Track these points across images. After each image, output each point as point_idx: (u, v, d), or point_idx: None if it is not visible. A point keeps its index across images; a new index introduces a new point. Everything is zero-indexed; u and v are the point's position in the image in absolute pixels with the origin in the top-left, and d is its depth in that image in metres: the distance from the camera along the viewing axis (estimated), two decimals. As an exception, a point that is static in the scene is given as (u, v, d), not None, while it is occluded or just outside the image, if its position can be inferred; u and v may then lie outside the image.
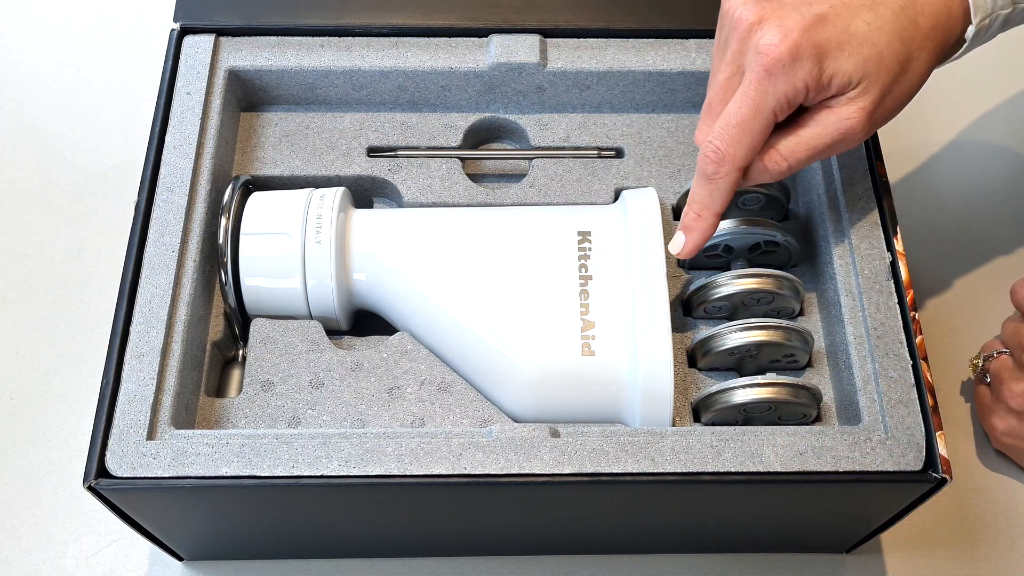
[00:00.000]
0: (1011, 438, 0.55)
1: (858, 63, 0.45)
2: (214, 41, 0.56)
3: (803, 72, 0.45)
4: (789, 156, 0.46)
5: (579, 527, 0.52)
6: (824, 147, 0.46)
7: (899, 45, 0.45)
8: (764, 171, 0.47)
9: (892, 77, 0.46)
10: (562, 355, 0.48)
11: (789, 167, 0.47)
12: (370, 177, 0.56)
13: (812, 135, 0.46)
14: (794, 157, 0.46)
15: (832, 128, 0.46)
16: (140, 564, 0.55)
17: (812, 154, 0.47)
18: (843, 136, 0.46)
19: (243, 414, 0.49)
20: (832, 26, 0.45)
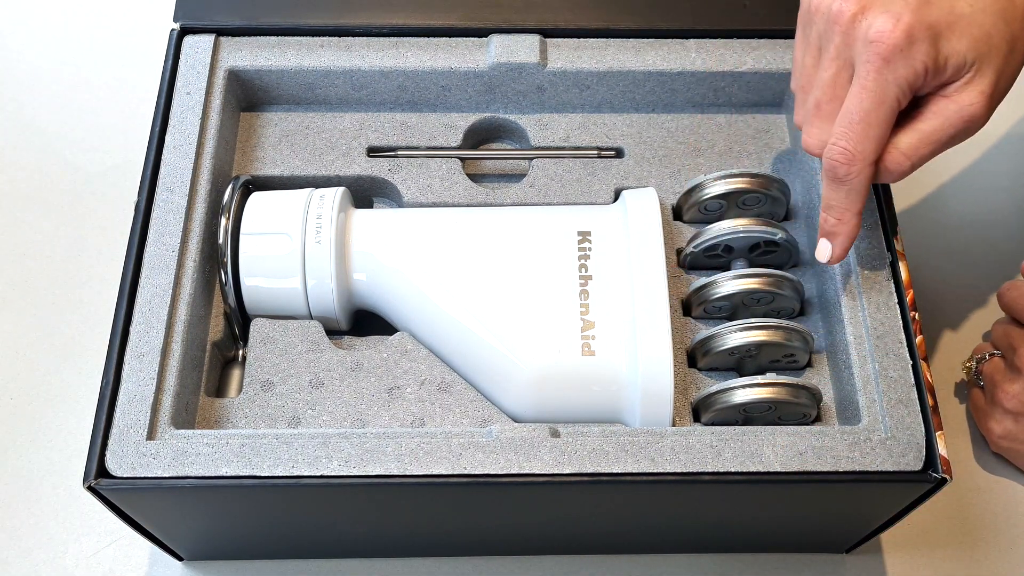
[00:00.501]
0: (1008, 441, 0.55)
1: (970, 43, 0.44)
2: (214, 41, 0.56)
3: (921, 54, 0.43)
4: (912, 154, 0.45)
5: (579, 527, 0.52)
6: (948, 139, 0.45)
7: (1003, 25, 0.44)
8: (887, 172, 0.45)
9: (1003, 58, 0.44)
10: (562, 355, 0.48)
11: (912, 165, 0.45)
12: (370, 177, 0.56)
13: (934, 128, 0.45)
14: (917, 154, 0.45)
15: (955, 117, 0.44)
16: (140, 564, 0.55)
17: (935, 148, 0.45)
18: (966, 124, 0.45)
19: (243, 414, 0.49)
20: (938, 8, 0.43)
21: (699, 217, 0.54)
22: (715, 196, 0.53)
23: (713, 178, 0.53)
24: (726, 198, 0.53)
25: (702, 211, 0.54)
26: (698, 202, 0.53)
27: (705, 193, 0.53)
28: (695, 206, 0.54)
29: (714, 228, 0.51)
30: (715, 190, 0.52)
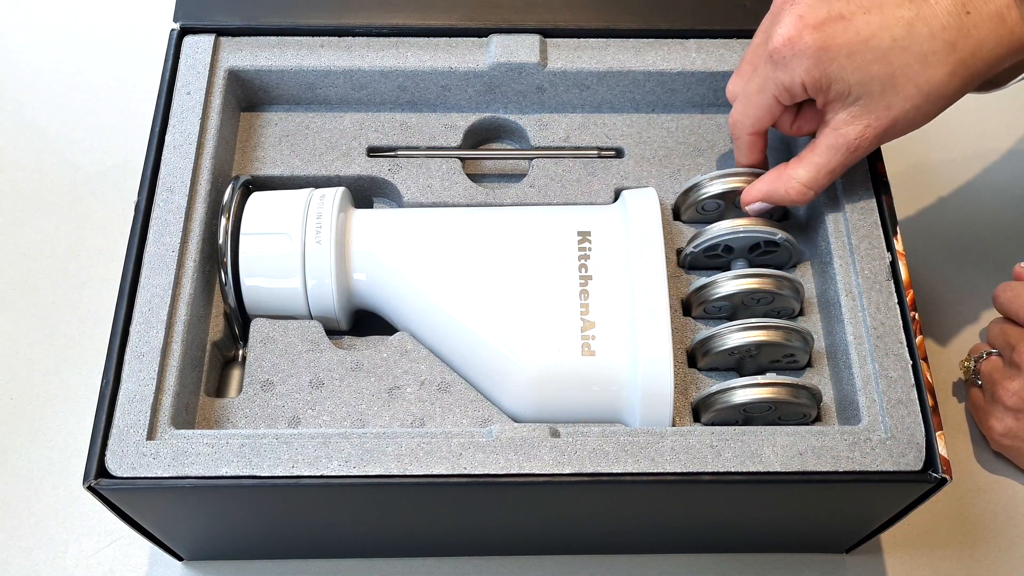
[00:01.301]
0: (1009, 439, 0.55)
1: (862, 78, 0.45)
2: (214, 41, 0.56)
3: (800, 69, 0.45)
4: (811, 184, 0.49)
5: (579, 527, 0.52)
6: (840, 167, 0.48)
7: (920, 68, 0.44)
8: (794, 202, 0.50)
9: (903, 100, 0.45)
10: (562, 355, 0.48)
11: (815, 192, 0.49)
12: (370, 177, 0.56)
13: (826, 160, 0.48)
14: (815, 184, 0.49)
15: (843, 150, 0.48)
16: (140, 564, 0.55)
17: (831, 176, 0.49)
18: (854, 155, 0.48)
19: (243, 414, 0.49)
20: (851, 31, 0.44)
21: (697, 217, 0.55)
22: (712, 196, 0.53)
23: (710, 178, 0.53)
24: (723, 198, 0.53)
25: (700, 211, 0.54)
26: (696, 202, 0.53)
27: (703, 193, 0.53)
28: (693, 206, 0.54)
29: (714, 228, 0.51)
30: (712, 190, 0.53)
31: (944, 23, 0.44)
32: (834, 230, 0.51)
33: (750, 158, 0.52)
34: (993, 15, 0.44)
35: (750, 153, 0.52)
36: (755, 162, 0.52)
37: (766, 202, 0.51)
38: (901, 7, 0.44)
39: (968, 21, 0.44)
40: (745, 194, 0.51)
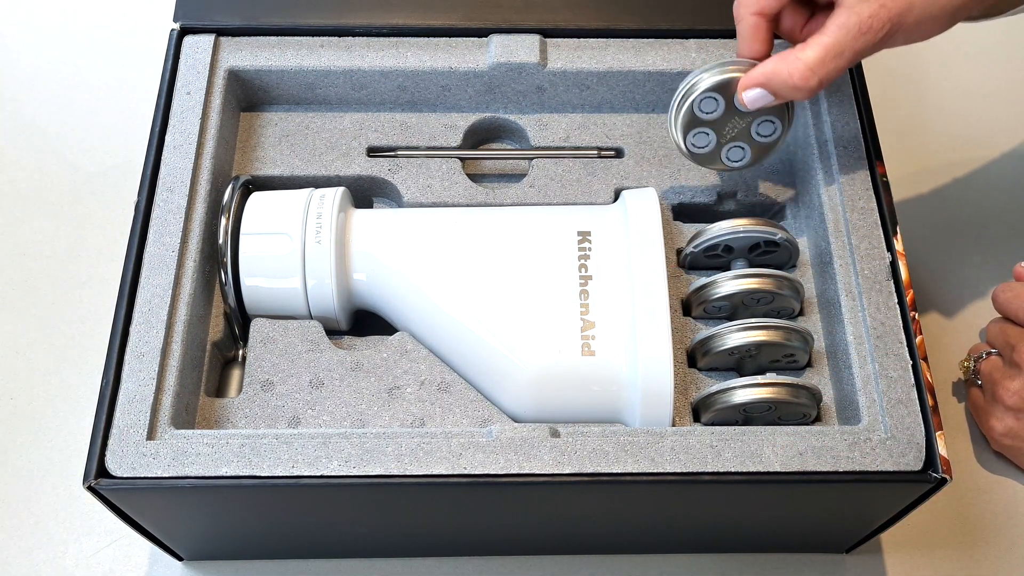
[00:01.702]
0: (1010, 439, 0.55)
1: None
2: (214, 41, 0.56)
3: None
4: (817, 67, 0.45)
5: (579, 527, 0.52)
6: (851, 52, 0.45)
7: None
8: (796, 88, 0.46)
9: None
10: (562, 355, 0.48)
11: (819, 79, 0.46)
12: (370, 177, 0.56)
13: (835, 41, 0.45)
14: (822, 68, 0.45)
15: (855, 29, 0.44)
16: (140, 564, 0.55)
17: (839, 62, 0.45)
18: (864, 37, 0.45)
19: (243, 414, 0.49)
20: None
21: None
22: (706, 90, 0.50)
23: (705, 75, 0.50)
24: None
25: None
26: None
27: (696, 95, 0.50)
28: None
29: (714, 228, 0.51)
30: (709, 82, 0.50)
31: None
32: (834, 230, 0.51)
33: (752, 47, 0.48)
34: None
35: (753, 40, 0.48)
36: (758, 52, 0.48)
37: (765, 89, 0.47)
38: None
39: None
40: (743, 79, 0.48)
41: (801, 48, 0.46)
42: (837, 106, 0.54)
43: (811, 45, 0.45)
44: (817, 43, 0.45)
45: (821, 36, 0.45)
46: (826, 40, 0.45)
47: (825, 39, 0.45)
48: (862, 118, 0.54)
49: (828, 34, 0.45)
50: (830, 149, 0.53)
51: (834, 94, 0.54)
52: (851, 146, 0.53)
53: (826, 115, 0.54)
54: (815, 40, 0.45)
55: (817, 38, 0.45)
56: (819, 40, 0.45)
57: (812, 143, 0.54)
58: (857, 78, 0.55)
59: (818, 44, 0.45)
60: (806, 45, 0.46)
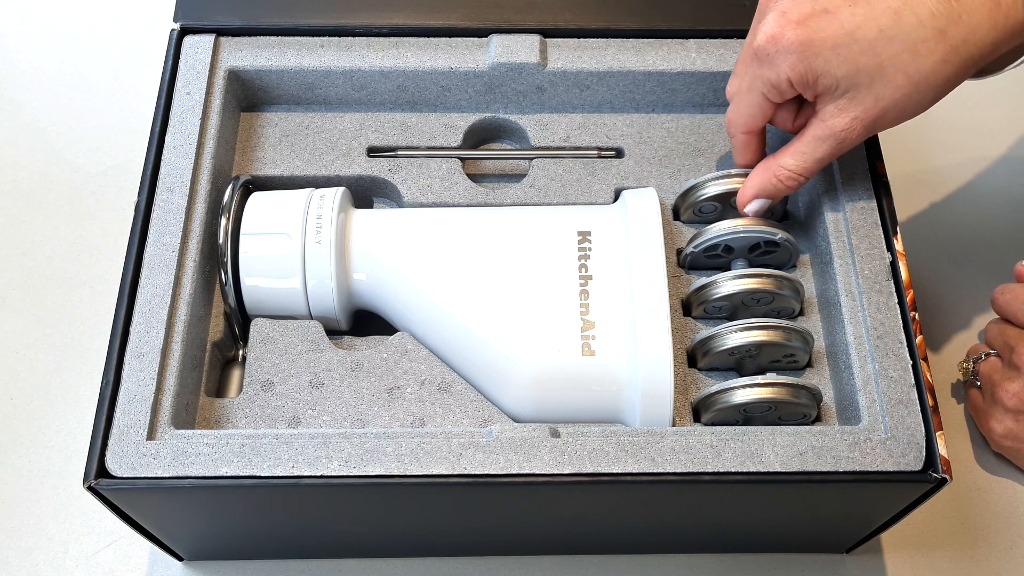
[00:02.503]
0: (1010, 440, 0.55)
1: (849, 71, 0.44)
2: (214, 41, 0.56)
3: (785, 65, 0.45)
4: (798, 172, 0.49)
5: (579, 527, 0.52)
6: (827, 156, 0.48)
7: (909, 57, 0.44)
8: (785, 189, 0.50)
9: (892, 89, 0.45)
10: (562, 355, 0.48)
11: (804, 179, 0.49)
12: (370, 177, 0.56)
13: (812, 149, 0.48)
14: (803, 171, 0.49)
15: (830, 140, 0.47)
16: (140, 564, 0.55)
17: (818, 165, 0.49)
18: (841, 146, 0.47)
19: (243, 414, 0.49)
20: (836, 24, 0.44)
21: (695, 219, 0.54)
22: (710, 198, 0.53)
23: (708, 179, 0.53)
24: (720, 199, 0.53)
25: (697, 213, 0.54)
26: (694, 203, 0.53)
27: (700, 195, 0.53)
28: (691, 208, 0.54)
29: (714, 228, 0.51)
30: (709, 191, 0.52)
31: (933, 10, 0.43)
32: (834, 230, 0.51)
33: (745, 158, 0.52)
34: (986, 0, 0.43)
35: (745, 152, 0.51)
36: (751, 162, 0.52)
37: (761, 197, 0.50)
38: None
39: (959, 7, 0.43)
40: (740, 195, 0.51)
41: (782, 156, 0.49)
42: (837, 106, 0.54)
43: (790, 154, 0.48)
44: (796, 152, 0.48)
45: (799, 145, 0.48)
46: (804, 149, 0.48)
47: (803, 148, 0.48)
48: (862, 118, 0.54)
49: (805, 144, 0.48)
50: (830, 149, 0.53)
51: (834, 94, 0.55)
52: (851, 146, 0.53)
53: (826, 115, 0.54)
54: (794, 149, 0.48)
55: (796, 146, 0.48)
56: (797, 149, 0.48)
57: (812, 143, 0.54)
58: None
59: (797, 153, 0.48)
60: (786, 153, 0.49)
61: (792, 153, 0.49)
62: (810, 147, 0.48)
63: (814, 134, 0.47)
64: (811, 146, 0.48)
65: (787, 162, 0.49)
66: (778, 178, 0.49)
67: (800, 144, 0.48)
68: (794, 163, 0.48)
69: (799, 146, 0.48)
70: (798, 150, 0.48)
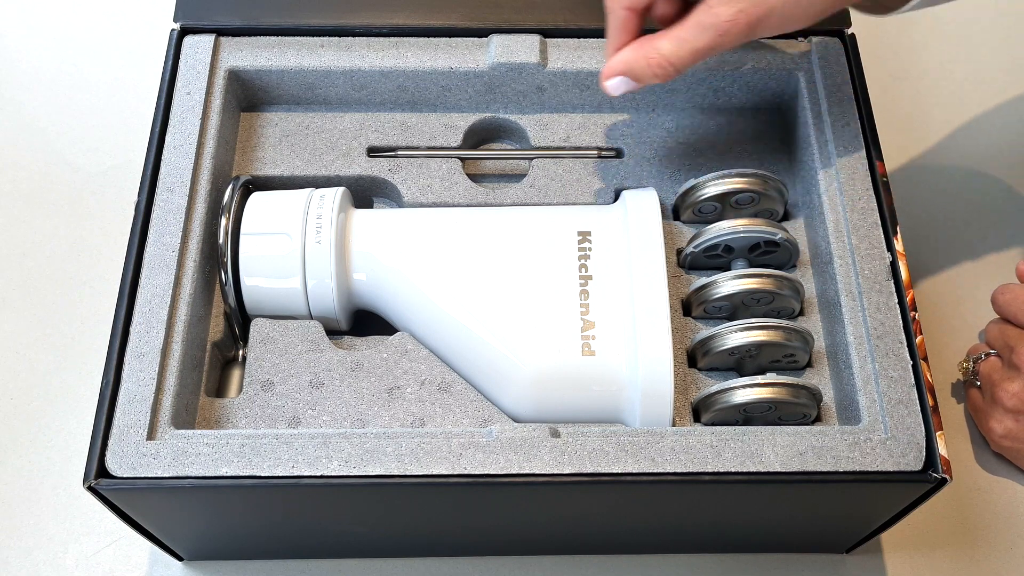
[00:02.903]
0: (1010, 440, 0.55)
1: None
2: (214, 41, 0.56)
3: None
4: (673, 59, 0.47)
5: (579, 527, 0.52)
6: (706, 48, 0.46)
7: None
8: (651, 75, 0.47)
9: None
10: (562, 355, 0.48)
11: (676, 70, 0.47)
12: (370, 177, 0.56)
13: (691, 36, 0.46)
14: (678, 59, 0.46)
15: (711, 29, 0.45)
16: (140, 564, 0.55)
17: (694, 55, 0.46)
18: (721, 39, 0.46)
19: (243, 414, 0.49)
20: None
21: (695, 218, 0.55)
22: (710, 198, 0.53)
23: (708, 179, 0.53)
24: (721, 199, 0.53)
25: (697, 213, 0.54)
26: (693, 203, 0.53)
27: (700, 195, 0.53)
28: (691, 207, 0.54)
29: (714, 228, 0.51)
30: (710, 191, 0.52)
31: None
32: (834, 230, 0.51)
33: (620, 39, 0.48)
34: None
35: (620, 33, 0.48)
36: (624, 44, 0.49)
37: (626, 76, 0.48)
38: None
39: None
40: (604, 70, 0.49)
41: (660, 38, 0.47)
42: (837, 106, 0.54)
43: (669, 37, 0.46)
44: (675, 37, 0.46)
45: (680, 30, 0.46)
46: (683, 35, 0.46)
47: (683, 34, 0.46)
48: (862, 118, 0.54)
49: (686, 29, 0.46)
50: (830, 149, 0.53)
51: (834, 94, 0.55)
52: (851, 146, 0.53)
53: (826, 115, 0.54)
54: (674, 33, 0.46)
55: (676, 31, 0.46)
56: (677, 34, 0.46)
57: (812, 143, 0.54)
58: (857, 78, 0.55)
59: (675, 38, 0.46)
60: (664, 36, 0.47)
61: (671, 38, 0.46)
62: (690, 33, 0.46)
63: (697, 20, 0.46)
64: (691, 32, 0.46)
65: (663, 45, 0.47)
66: (648, 61, 0.47)
67: (680, 30, 0.46)
68: (670, 48, 0.46)
69: (679, 31, 0.46)
70: (677, 35, 0.46)
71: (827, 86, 0.55)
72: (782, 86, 0.57)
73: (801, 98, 0.55)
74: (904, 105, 0.71)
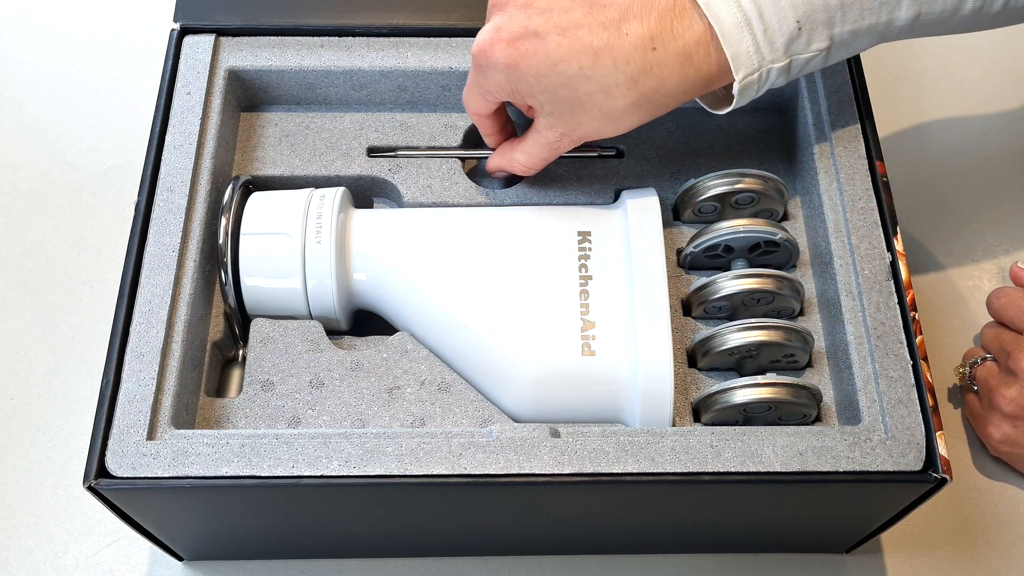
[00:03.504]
0: (1008, 445, 0.55)
1: (551, 99, 0.47)
2: (214, 41, 0.56)
3: (495, 80, 0.48)
4: (528, 165, 0.52)
5: (579, 527, 0.52)
6: (550, 157, 0.51)
7: (603, 97, 0.46)
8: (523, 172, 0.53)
9: (589, 120, 0.48)
10: (562, 355, 0.48)
11: (534, 169, 0.52)
12: (370, 177, 0.56)
13: (534, 152, 0.51)
14: (531, 165, 0.52)
15: (545, 147, 0.50)
16: (140, 564, 0.55)
17: (546, 162, 0.52)
18: (557, 151, 0.50)
19: (243, 414, 0.49)
20: (542, 53, 0.46)
21: (695, 218, 0.54)
22: (709, 198, 0.53)
23: (707, 179, 0.53)
24: (720, 199, 0.53)
25: (697, 213, 0.54)
26: (693, 203, 0.53)
27: (700, 195, 0.53)
28: (691, 207, 0.54)
29: (714, 228, 0.51)
30: (709, 191, 0.52)
31: (628, 56, 0.45)
32: (834, 230, 0.51)
33: (495, 139, 0.54)
34: (680, 53, 0.45)
35: (492, 133, 0.54)
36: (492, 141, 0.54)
37: (505, 171, 0.54)
38: (594, 33, 0.45)
39: (652, 58, 0.45)
40: (486, 164, 0.55)
41: (516, 148, 0.52)
42: (837, 106, 0.54)
43: (520, 150, 0.52)
44: (523, 151, 0.51)
45: (525, 144, 0.51)
46: (529, 149, 0.51)
47: (528, 148, 0.51)
48: (862, 118, 0.54)
49: (529, 144, 0.51)
50: (830, 149, 0.53)
51: (834, 94, 0.55)
52: (851, 146, 0.53)
53: (826, 115, 0.54)
54: (523, 147, 0.51)
55: (523, 145, 0.51)
56: (524, 148, 0.51)
57: (812, 143, 0.54)
58: (857, 78, 0.55)
59: (523, 152, 0.51)
60: (518, 147, 0.52)
61: (521, 150, 0.51)
62: (534, 148, 0.51)
63: (533, 139, 0.50)
64: (534, 148, 0.51)
65: (519, 156, 0.52)
66: (512, 165, 0.52)
67: (526, 144, 0.51)
68: (524, 159, 0.52)
69: (525, 145, 0.51)
70: (524, 149, 0.51)
71: (827, 86, 0.55)
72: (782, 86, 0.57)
73: (801, 98, 0.55)
74: (904, 105, 0.71)
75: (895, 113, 0.71)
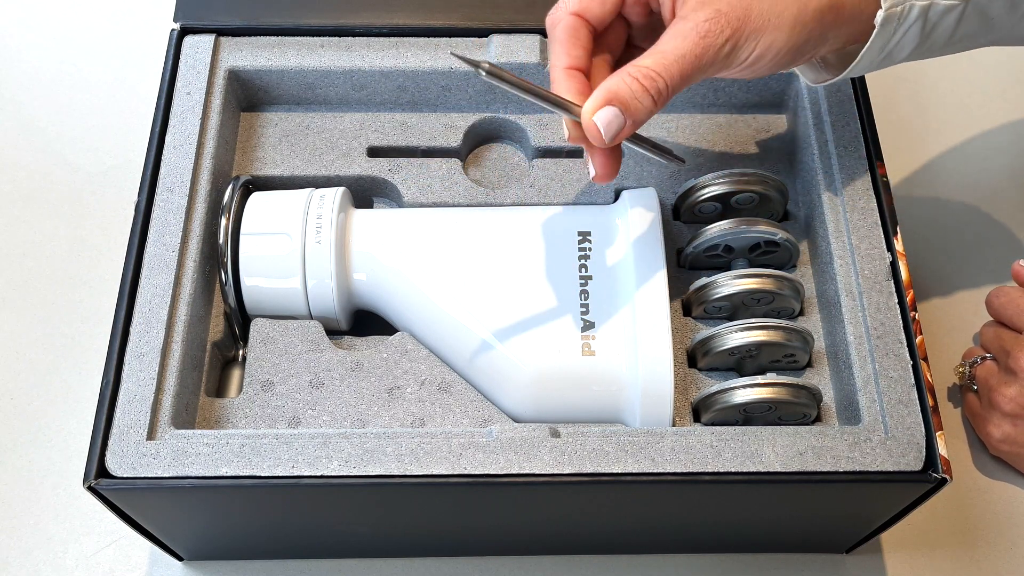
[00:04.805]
0: (1008, 444, 0.55)
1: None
2: (214, 41, 0.56)
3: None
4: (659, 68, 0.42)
5: (579, 527, 0.52)
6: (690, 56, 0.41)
7: None
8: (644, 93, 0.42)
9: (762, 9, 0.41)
10: (562, 355, 0.48)
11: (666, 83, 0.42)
12: (370, 177, 0.56)
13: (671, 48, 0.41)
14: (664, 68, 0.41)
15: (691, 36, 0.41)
16: (140, 564, 0.55)
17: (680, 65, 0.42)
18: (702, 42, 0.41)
19: (243, 414, 0.49)
20: None
21: (695, 218, 0.55)
22: (709, 198, 0.53)
23: (708, 179, 0.53)
24: (721, 199, 0.53)
25: (697, 213, 0.54)
26: (693, 204, 0.53)
27: (700, 195, 0.53)
28: (691, 208, 0.54)
29: (714, 228, 0.51)
30: (709, 191, 0.52)
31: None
32: (834, 230, 0.51)
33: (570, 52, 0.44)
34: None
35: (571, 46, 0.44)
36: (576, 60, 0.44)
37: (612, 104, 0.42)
38: None
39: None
40: (587, 105, 0.42)
41: (639, 58, 0.42)
42: (837, 106, 0.54)
43: (647, 53, 0.42)
44: (654, 50, 0.42)
45: (658, 44, 0.42)
46: (664, 47, 0.41)
47: (662, 46, 0.42)
48: (862, 118, 0.54)
49: (664, 42, 0.42)
50: (830, 149, 0.53)
51: (834, 94, 0.55)
52: (851, 146, 0.53)
53: (826, 115, 0.54)
54: (651, 50, 0.42)
55: (654, 47, 0.42)
56: (656, 48, 0.42)
57: (812, 143, 0.54)
58: (857, 78, 0.55)
59: (655, 51, 0.42)
60: (642, 56, 0.42)
61: (650, 52, 0.42)
62: (669, 43, 0.41)
63: (674, 31, 0.42)
64: (670, 42, 0.41)
65: (644, 60, 0.41)
66: (632, 77, 0.41)
67: (658, 44, 0.42)
68: (652, 59, 0.41)
69: (657, 45, 0.42)
70: (656, 48, 0.42)
71: (827, 86, 0.55)
72: (782, 86, 0.57)
73: (801, 98, 0.55)
74: (904, 105, 0.71)
75: (895, 113, 0.71)
